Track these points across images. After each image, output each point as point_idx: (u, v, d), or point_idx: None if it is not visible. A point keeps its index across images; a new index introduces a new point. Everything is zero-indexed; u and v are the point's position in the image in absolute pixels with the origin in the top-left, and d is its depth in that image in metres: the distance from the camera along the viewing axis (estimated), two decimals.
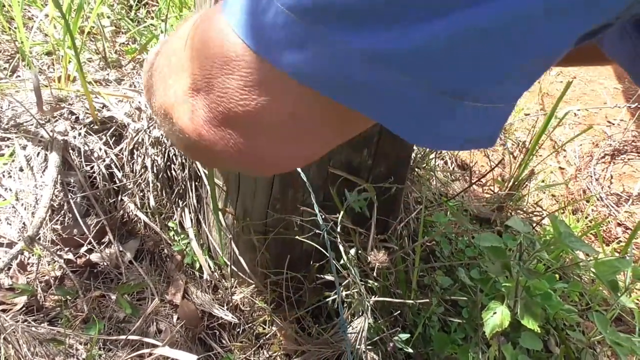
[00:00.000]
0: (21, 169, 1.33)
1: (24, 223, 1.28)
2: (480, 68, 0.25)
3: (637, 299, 1.64)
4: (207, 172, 1.19)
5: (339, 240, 1.07)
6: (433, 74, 0.25)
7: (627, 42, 0.41)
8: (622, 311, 1.52)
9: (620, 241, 1.97)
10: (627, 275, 1.17)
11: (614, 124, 2.46)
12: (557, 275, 1.33)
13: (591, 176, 2.21)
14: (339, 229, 1.06)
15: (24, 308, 1.20)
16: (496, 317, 1.04)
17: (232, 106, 0.30)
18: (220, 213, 1.18)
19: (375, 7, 0.23)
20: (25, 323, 1.15)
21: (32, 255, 1.27)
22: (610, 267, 1.05)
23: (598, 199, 2.12)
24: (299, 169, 0.97)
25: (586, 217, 2.02)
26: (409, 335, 1.15)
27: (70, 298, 1.24)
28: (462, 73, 0.25)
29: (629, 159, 2.31)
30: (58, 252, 1.29)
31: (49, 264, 1.27)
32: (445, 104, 0.26)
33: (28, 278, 1.24)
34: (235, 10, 0.28)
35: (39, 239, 1.25)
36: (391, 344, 1.12)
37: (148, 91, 0.42)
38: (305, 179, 0.97)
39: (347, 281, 1.10)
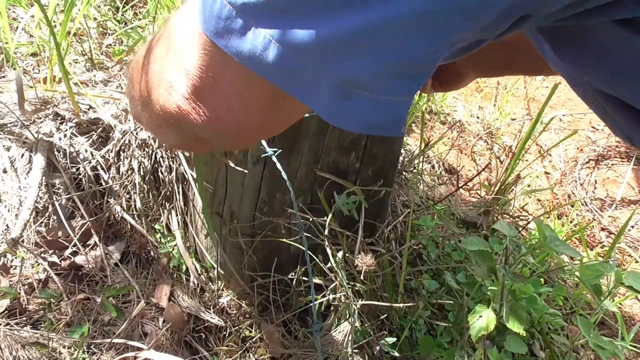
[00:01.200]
0: (5, 171, 1.31)
1: (7, 225, 1.26)
2: (360, 63, 0.30)
3: (620, 303, 1.66)
4: (195, 175, 1.19)
5: (326, 243, 1.07)
6: (328, 65, 0.31)
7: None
8: (605, 315, 1.53)
9: (604, 245, 2.00)
10: (611, 280, 1.18)
11: (598, 130, 2.49)
12: (542, 279, 1.34)
13: (576, 181, 2.23)
14: (326, 232, 1.06)
15: (7, 311, 1.18)
16: (482, 320, 1.04)
17: (196, 82, 0.37)
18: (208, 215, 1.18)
19: (287, 7, 0.30)
20: (8, 326, 1.13)
21: (16, 257, 1.26)
22: (594, 272, 1.07)
23: (582, 204, 2.14)
24: (283, 173, 0.97)
25: (571, 222, 2.04)
26: (395, 339, 1.16)
27: (54, 301, 1.22)
28: (347, 66, 0.31)
29: (612, 164, 2.34)
30: (42, 255, 1.28)
31: (32, 267, 1.26)
32: (344, 90, 0.32)
33: (11, 281, 1.23)
34: (198, 3, 0.34)
35: (23, 241, 1.23)
36: (377, 348, 1.13)
37: (131, 84, 0.48)
38: (285, 177, 0.98)
39: (334, 284, 1.10)
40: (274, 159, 0.95)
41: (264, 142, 0.96)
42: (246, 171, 1.03)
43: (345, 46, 0.30)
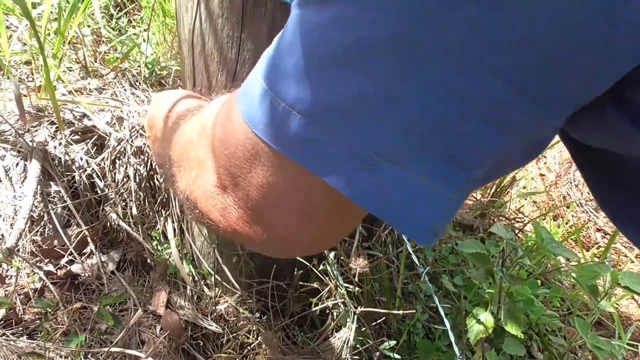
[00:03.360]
0: None
1: (1, 235, 1.25)
2: (375, 128, 0.25)
3: (617, 303, 1.66)
4: None
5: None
6: (345, 130, 0.26)
7: None
8: (602, 315, 1.54)
9: (600, 246, 2.01)
10: (607, 280, 1.19)
11: None
12: (539, 281, 1.35)
13: (571, 182, 2.24)
14: None
15: (2, 321, 1.17)
16: (480, 323, 1.04)
17: (259, 203, 0.32)
18: None
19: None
20: (4, 337, 1.12)
21: (11, 267, 1.25)
22: (590, 272, 1.07)
23: (578, 205, 2.15)
24: None
25: (566, 223, 2.05)
26: (394, 342, 1.16)
27: (50, 310, 1.21)
28: (365, 131, 0.26)
29: None
30: (38, 264, 1.27)
31: (28, 276, 1.25)
32: (367, 160, 0.26)
33: (6, 291, 1.22)
34: (252, 111, 0.29)
35: (18, 250, 1.23)
36: (377, 353, 1.12)
37: (167, 177, 0.44)
38: None
39: (328, 287, 1.10)
40: None
41: None
42: None
43: (359, 110, 0.25)
